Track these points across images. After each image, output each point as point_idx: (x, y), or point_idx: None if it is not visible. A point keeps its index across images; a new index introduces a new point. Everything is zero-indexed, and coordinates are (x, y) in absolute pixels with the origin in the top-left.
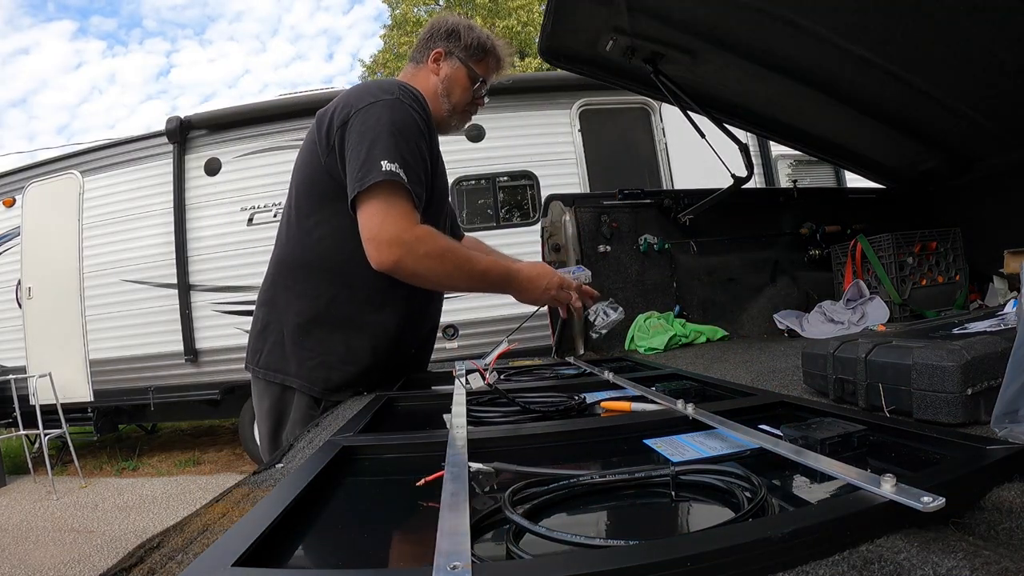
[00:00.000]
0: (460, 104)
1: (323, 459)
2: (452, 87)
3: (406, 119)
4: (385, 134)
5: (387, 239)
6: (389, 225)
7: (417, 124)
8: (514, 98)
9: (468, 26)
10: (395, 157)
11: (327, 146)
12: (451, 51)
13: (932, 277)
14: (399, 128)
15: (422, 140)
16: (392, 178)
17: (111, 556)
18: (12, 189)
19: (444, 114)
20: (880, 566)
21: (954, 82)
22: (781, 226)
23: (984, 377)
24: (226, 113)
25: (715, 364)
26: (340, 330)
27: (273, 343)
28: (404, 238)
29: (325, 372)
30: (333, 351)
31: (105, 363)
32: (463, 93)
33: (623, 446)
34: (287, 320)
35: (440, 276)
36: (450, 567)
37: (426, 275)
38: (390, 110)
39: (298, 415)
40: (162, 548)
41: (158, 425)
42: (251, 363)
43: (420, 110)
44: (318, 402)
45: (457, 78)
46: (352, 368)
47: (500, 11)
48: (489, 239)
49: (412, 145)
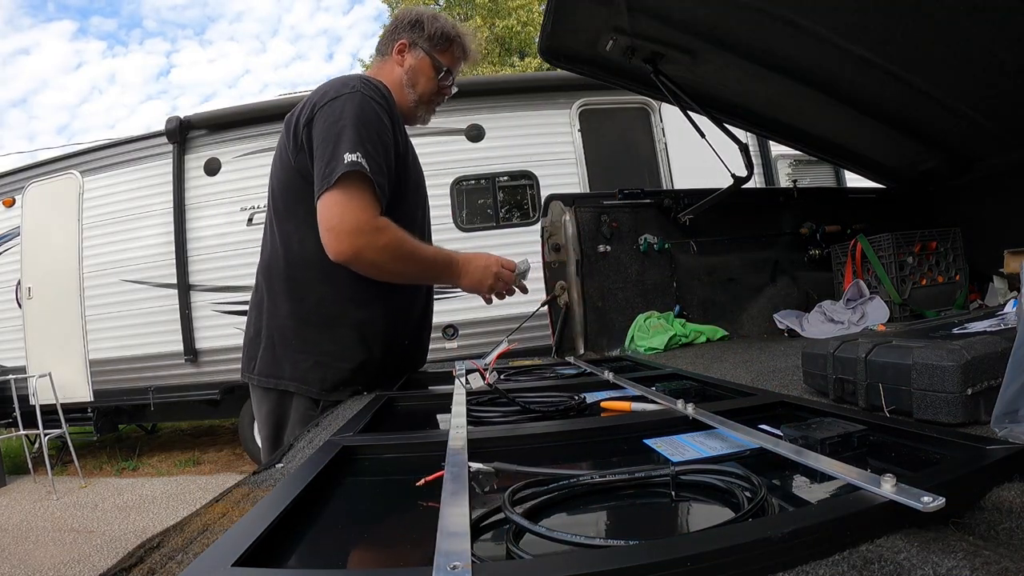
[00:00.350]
0: (426, 94)
1: (323, 459)
2: (417, 77)
3: (367, 110)
4: (348, 127)
5: (348, 229)
6: (349, 215)
7: (379, 115)
8: (514, 98)
9: (432, 16)
10: (357, 147)
11: (296, 146)
12: (415, 42)
13: (932, 277)
14: (361, 120)
15: (385, 130)
16: (354, 168)
17: (111, 556)
18: (12, 189)
19: (410, 104)
20: (880, 566)
21: (954, 82)
22: (781, 226)
23: (984, 377)
24: (226, 113)
25: (715, 364)
26: (330, 329)
27: (265, 349)
28: (364, 228)
29: (320, 372)
30: (326, 350)
31: (105, 363)
32: (428, 83)
33: (623, 446)
34: (277, 325)
35: (397, 267)
36: (450, 567)
37: (384, 265)
38: (351, 103)
39: (297, 417)
40: (162, 548)
41: (158, 425)
42: (246, 371)
43: (382, 100)
44: (316, 403)
45: (422, 68)
46: (347, 365)
47: (500, 11)
48: (489, 239)
49: (374, 135)
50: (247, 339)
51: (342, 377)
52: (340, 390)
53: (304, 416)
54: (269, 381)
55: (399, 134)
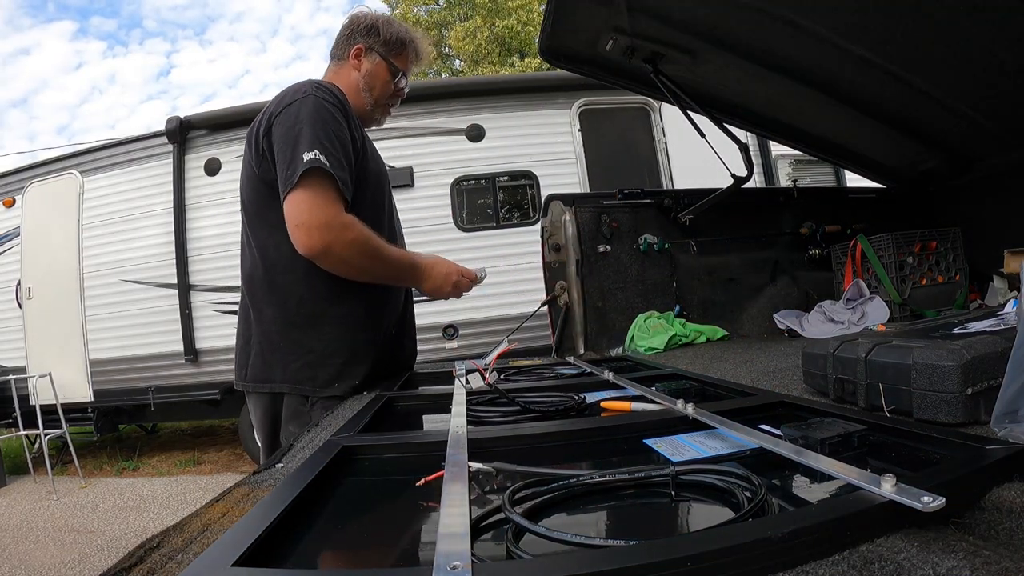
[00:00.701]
0: (381, 97)
1: (323, 459)
2: (373, 81)
3: (321, 110)
4: (304, 128)
5: (316, 224)
6: (317, 211)
7: (333, 114)
8: (514, 98)
9: (387, 20)
10: (314, 146)
11: (258, 156)
12: (371, 46)
13: (932, 277)
14: (316, 120)
15: (341, 128)
16: (314, 164)
17: (111, 556)
18: (12, 189)
19: (366, 107)
20: (880, 566)
21: (954, 82)
22: (781, 226)
23: (984, 377)
24: (226, 113)
25: (715, 364)
26: (313, 327)
27: (255, 355)
28: (333, 224)
29: (311, 371)
30: (312, 349)
31: (105, 363)
32: (384, 86)
33: (623, 446)
34: (264, 331)
35: (364, 263)
36: (450, 567)
37: (351, 261)
38: (305, 106)
39: (289, 413)
40: (162, 548)
41: (158, 425)
42: (239, 379)
43: (335, 101)
44: (306, 399)
45: (377, 72)
46: (336, 360)
47: (500, 11)
48: (489, 239)
49: (331, 132)
50: (238, 348)
51: (333, 373)
52: (334, 386)
53: (295, 412)
54: (263, 386)
55: (355, 132)
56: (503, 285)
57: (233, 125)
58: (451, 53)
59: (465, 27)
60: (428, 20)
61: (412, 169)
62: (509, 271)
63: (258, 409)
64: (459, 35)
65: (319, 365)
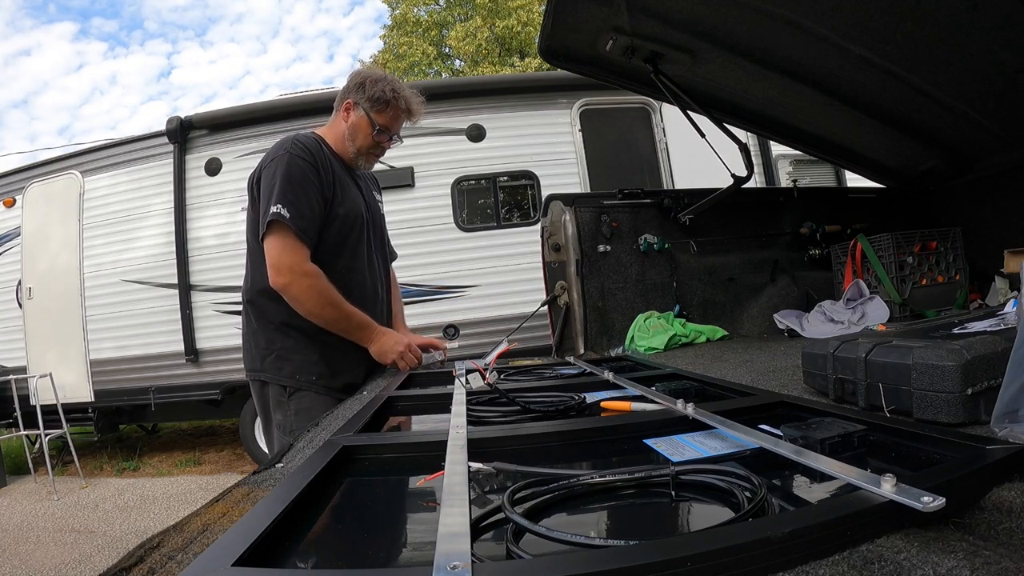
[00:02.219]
0: (363, 148)
1: (323, 459)
2: (356, 133)
3: (292, 169)
4: (277, 185)
5: (283, 267)
6: (286, 257)
7: (304, 171)
8: (514, 98)
9: (375, 80)
10: (283, 201)
11: (253, 198)
12: (357, 102)
13: (932, 277)
14: (287, 178)
15: (309, 182)
16: (279, 219)
17: (112, 556)
18: (12, 189)
19: (350, 155)
20: (880, 566)
21: (954, 82)
22: (781, 226)
23: (984, 377)
24: (227, 113)
25: (715, 364)
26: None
27: (246, 350)
28: (295, 269)
29: (279, 363)
30: (283, 346)
31: (106, 363)
32: (365, 138)
33: (623, 446)
34: (251, 331)
35: (313, 307)
36: (450, 567)
37: (303, 303)
38: (281, 164)
39: (273, 402)
40: (162, 548)
41: (159, 425)
42: (245, 370)
43: (308, 157)
44: (284, 388)
45: (360, 125)
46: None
47: (500, 11)
48: (489, 239)
49: (296, 187)
50: (243, 346)
51: (299, 367)
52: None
53: (277, 401)
54: (251, 374)
55: (325, 181)
56: (503, 285)
57: (233, 125)
58: (451, 53)
59: (465, 27)
60: (428, 20)
61: (413, 169)
62: (509, 271)
63: (254, 395)
64: (459, 35)
65: (287, 360)
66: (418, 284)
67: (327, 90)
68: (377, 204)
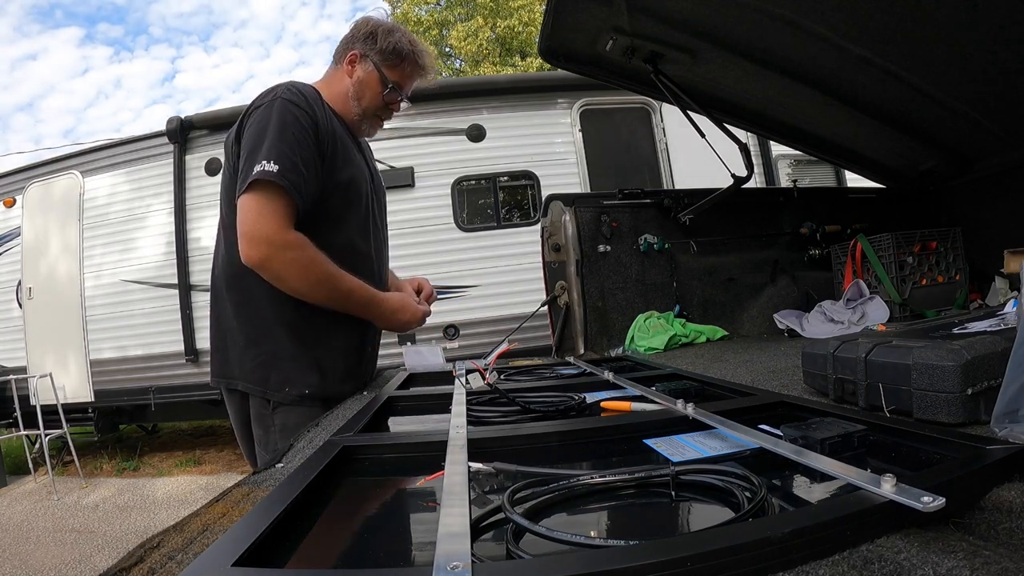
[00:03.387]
0: (371, 108)
1: (323, 459)
2: (363, 90)
3: (285, 117)
4: (265, 134)
5: (258, 236)
6: (262, 224)
7: (299, 120)
8: (514, 98)
9: (388, 29)
10: (271, 155)
11: (233, 156)
12: (366, 54)
13: (932, 277)
14: (278, 126)
15: (304, 133)
16: (266, 176)
17: (111, 556)
18: (12, 189)
19: (354, 117)
20: (880, 566)
21: (954, 82)
22: (781, 226)
23: (984, 377)
24: (227, 113)
25: (715, 364)
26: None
27: (218, 351)
28: (274, 239)
29: (263, 372)
30: (266, 350)
31: (106, 363)
32: (374, 98)
33: (623, 446)
34: (228, 327)
35: (302, 285)
36: (450, 567)
37: (288, 280)
38: (270, 111)
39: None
40: (162, 548)
41: (159, 425)
42: (212, 375)
43: (304, 105)
44: (268, 402)
45: (368, 81)
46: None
47: (501, 11)
48: (489, 239)
49: (290, 139)
50: (211, 348)
51: (283, 377)
52: (284, 390)
53: (259, 415)
54: (222, 381)
55: (324, 135)
56: (503, 285)
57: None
58: (452, 53)
59: (466, 27)
60: (429, 20)
61: (413, 169)
62: (509, 271)
63: (231, 406)
64: (460, 35)
65: (271, 367)
66: None
67: None
68: (380, 177)
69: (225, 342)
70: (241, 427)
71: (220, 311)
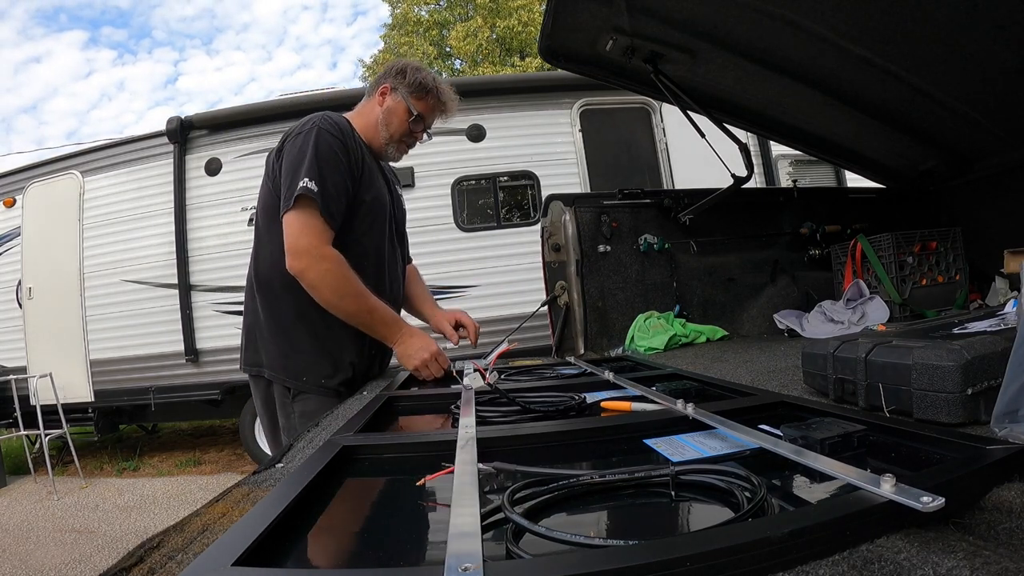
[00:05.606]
0: (396, 134)
1: (323, 459)
2: (391, 118)
3: (322, 143)
4: (305, 158)
5: (301, 249)
6: (304, 238)
7: (332, 147)
8: (514, 98)
9: (416, 67)
10: (312, 175)
11: (272, 175)
12: (396, 87)
13: (932, 277)
14: (316, 152)
15: (338, 159)
16: (307, 194)
17: (112, 556)
18: (13, 189)
19: (382, 142)
20: (880, 566)
21: (954, 82)
22: (781, 226)
23: (984, 377)
24: (227, 113)
25: (715, 364)
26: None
27: (248, 342)
28: (313, 253)
29: (284, 361)
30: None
31: (106, 363)
32: (400, 125)
33: (623, 446)
34: (257, 322)
35: (332, 297)
36: (461, 568)
37: (321, 290)
38: (310, 137)
39: (278, 402)
40: (162, 548)
41: (159, 425)
42: (241, 363)
43: (338, 134)
44: (288, 390)
45: (396, 111)
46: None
47: (501, 11)
48: (489, 239)
49: (328, 164)
50: (242, 337)
51: (305, 367)
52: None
53: (281, 403)
54: (252, 369)
55: (354, 162)
56: (503, 285)
57: (234, 125)
58: (452, 53)
59: (466, 27)
60: (429, 20)
61: (413, 169)
62: (509, 271)
63: (257, 392)
64: (460, 35)
65: (291, 358)
66: None
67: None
68: (401, 199)
69: (255, 335)
70: (265, 411)
71: (254, 307)
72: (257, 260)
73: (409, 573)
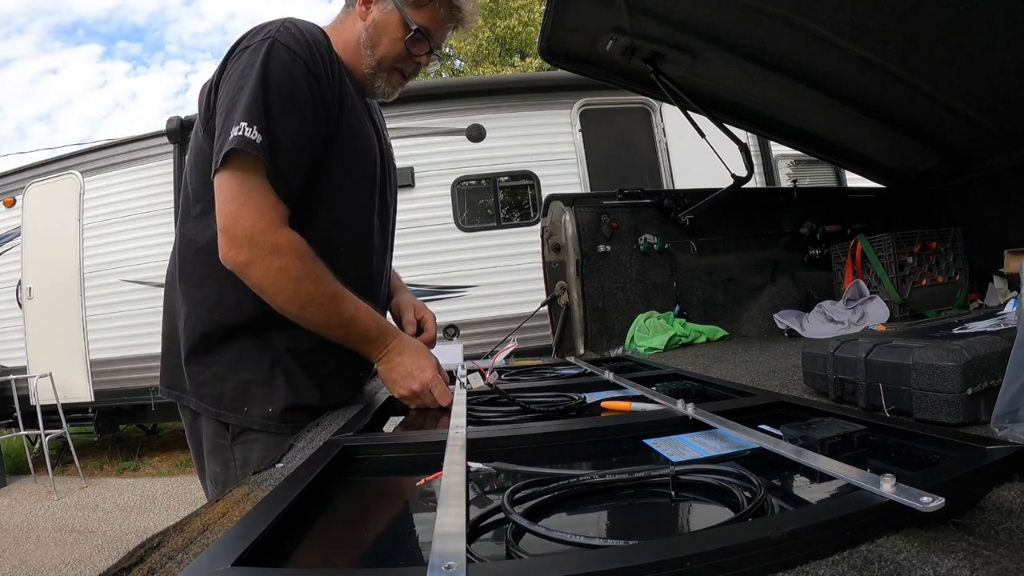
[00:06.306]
0: (387, 58)
1: (323, 459)
2: (379, 36)
3: (274, 66)
4: (248, 89)
5: (240, 234)
6: (245, 217)
7: (291, 72)
8: (515, 98)
9: None
10: (255, 118)
11: (207, 110)
12: None
13: (932, 277)
14: (264, 80)
15: (299, 92)
16: (246, 148)
17: (112, 556)
18: (12, 189)
19: (366, 70)
20: (880, 566)
21: (954, 82)
22: (781, 226)
23: (984, 377)
24: None
25: (715, 364)
26: (229, 332)
27: (164, 358)
28: (258, 240)
29: (218, 387)
30: (218, 360)
31: (106, 363)
32: (392, 45)
33: (623, 446)
34: (179, 328)
35: (288, 303)
36: (444, 567)
37: (272, 295)
38: (257, 57)
39: (208, 443)
40: (162, 548)
41: (159, 425)
42: (160, 385)
43: (303, 52)
44: (226, 428)
45: (386, 24)
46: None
47: (501, 11)
48: (489, 239)
49: (282, 100)
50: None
51: (243, 394)
52: (243, 411)
53: (214, 445)
54: (171, 394)
55: (329, 94)
56: (503, 285)
57: None
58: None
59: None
60: None
61: (413, 169)
62: (509, 271)
63: (185, 424)
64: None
65: (226, 380)
66: (418, 284)
67: None
68: (393, 155)
69: (176, 345)
70: (194, 447)
71: (174, 309)
72: (183, 241)
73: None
